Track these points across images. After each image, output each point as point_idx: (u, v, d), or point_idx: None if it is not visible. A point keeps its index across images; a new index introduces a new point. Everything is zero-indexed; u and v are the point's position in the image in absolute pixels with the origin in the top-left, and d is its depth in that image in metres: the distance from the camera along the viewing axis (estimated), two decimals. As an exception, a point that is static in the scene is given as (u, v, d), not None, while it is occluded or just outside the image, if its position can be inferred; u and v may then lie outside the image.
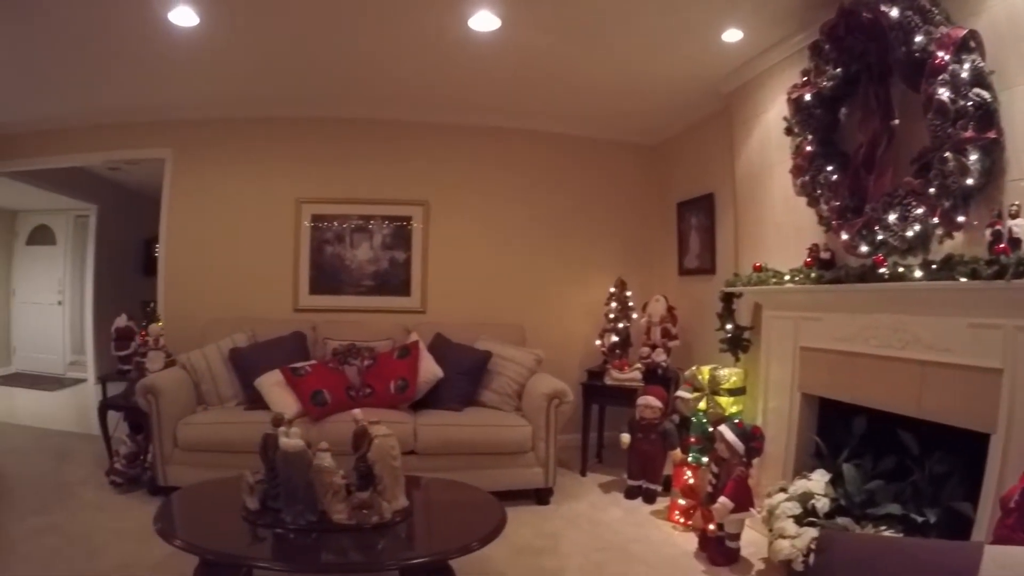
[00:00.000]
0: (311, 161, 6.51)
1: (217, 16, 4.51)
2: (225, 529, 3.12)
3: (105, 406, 5.51)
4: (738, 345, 4.82)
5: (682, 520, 4.42)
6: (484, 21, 4.41)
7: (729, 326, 4.88)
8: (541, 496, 4.87)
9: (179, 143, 6.71)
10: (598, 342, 6.06)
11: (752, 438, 4.01)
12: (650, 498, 4.92)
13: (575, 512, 4.72)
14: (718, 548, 3.85)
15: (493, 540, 2.95)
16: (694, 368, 4.94)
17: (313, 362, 5.20)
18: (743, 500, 3.78)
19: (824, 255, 3.89)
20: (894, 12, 3.21)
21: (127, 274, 10.73)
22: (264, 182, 6.53)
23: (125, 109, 6.61)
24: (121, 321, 5.76)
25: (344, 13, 4.44)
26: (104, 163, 7.82)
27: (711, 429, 4.38)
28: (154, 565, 3.73)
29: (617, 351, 5.84)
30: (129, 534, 4.19)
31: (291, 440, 3.00)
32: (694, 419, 4.84)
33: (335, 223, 6.46)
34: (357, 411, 3.43)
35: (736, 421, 4.17)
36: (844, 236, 3.69)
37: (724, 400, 4.67)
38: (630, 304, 6.02)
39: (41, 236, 11.35)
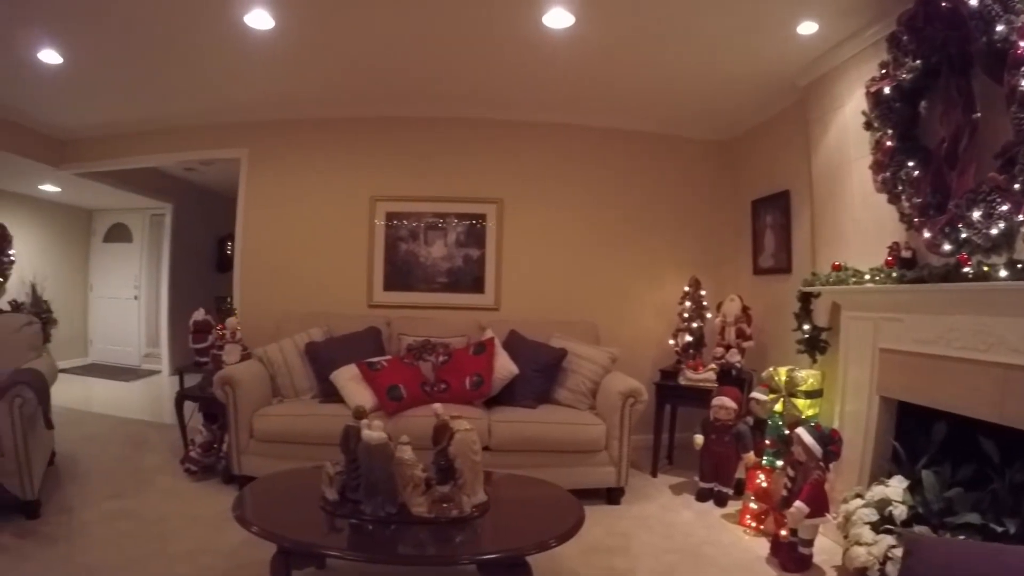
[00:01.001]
0: (385, 159, 6.60)
1: (292, 18, 4.61)
2: (303, 518, 3.17)
3: (182, 396, 5.65)
4: (815, 346, 4.70)
5: (754, 524, 4.37)
6: (558, 18, 4.42)
7: (807, 327, 4.77)
8: (612, 496, 4.85)
9: (254, 143, 6.89)
10: (671, 341, 6.00)
11: (830, 442, 3.93)
12: (721, 501, 4.86)
13: (646, 513, 4.69)
14: (790, 554, 3.78)
15: (571, 538, 2.94)
16: (771, 369, 4.82)
17: (388, 357, 5.28)
18: (819, 505, 3.70)
19: (905, 254, 3.77)
20: (974, 0, 3.11)
21: (201, 270, 11.12)
22: (339, 180, 6.65)
23: (201, 111, 6.82)
24: (199, 315, 5.90)
25: (417, 13, 4.48)
26: (179, 164, 8.08)
27: (787, 432, 4.31)
28: (227, 552, 3.83)
29: (691, 351, 5.79)
30: (203, 521, 4.32)
31: (374, 433, 3.03)
32: (769, 422, 4.73)
33: (409, 221, 6.53)
34: (438, 405, 3.46)
35: (813, 424, 4.10)
36: (926, 234, 3.57)
37: (801, 402, 4.54)
38: (704, 303, 5.95)
39: (118, 234, 11.76)
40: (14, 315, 6.59)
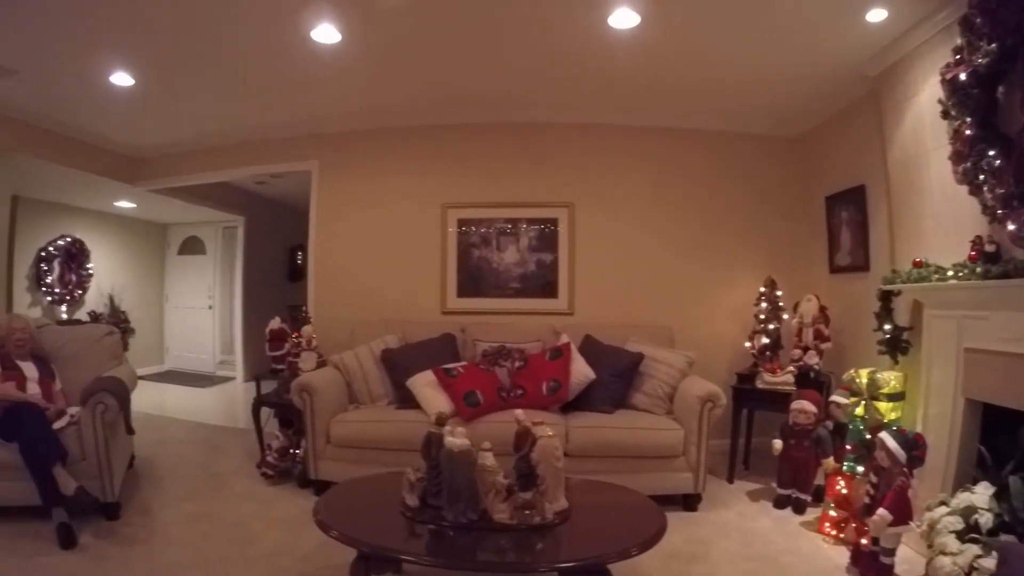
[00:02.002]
0: (455, 167, 6.65)
1: (358, 32, 4.69)
2: (383, 524, 3.18)
3: (259, 403, 5.74)
4: (897, 347, 4.55)
5: (833, 532, 4.22)
6: (623, 18, 4.40)
7: (887, 326, 4.61)
8: (689, 502, 4.76)
9: (325, 155, 7.02)
10: (748, 344, 5.90)
11: (914, 446, 3.75)
12: (800, 508, 4.73)
13: (724, 520, 4.60)
14: (871, 563, 3.64)
15: (653, 546, 2.90)
16: (852, 371, 4.70)
17: (464, 363, 5.28)
18: (902, 513, 3.56)
19: (989, 248, 3.62)
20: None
21: (273, 280, 11.43)
22: (409, 189, 6.72)
23: (271, 126, 6.99)
24: (275, 323, 5.99)
25: (484, 19, 4.50)
26: (250, 177, 8.25)
27: (869, 436, 4.20)
28: (303, 555, 3.89)
29: (767, 353, 5.68)
30: (279, 524, 4.40)
31: (457, 439, 3.05)
32: (850, 426, 4.59)
33: (481, 227, 6.56)
34: (519, 411, 3.44)
35: (896, 428, 3.97)
36: (1011, 226, 3.41)
37: (883, 406, 4.42)
38: (780, 304, 5.83)
39: (192, 246, 12.18)
40: (96, 326, 6.76)
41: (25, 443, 4.12)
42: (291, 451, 5.36)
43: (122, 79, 5.66)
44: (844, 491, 4.25)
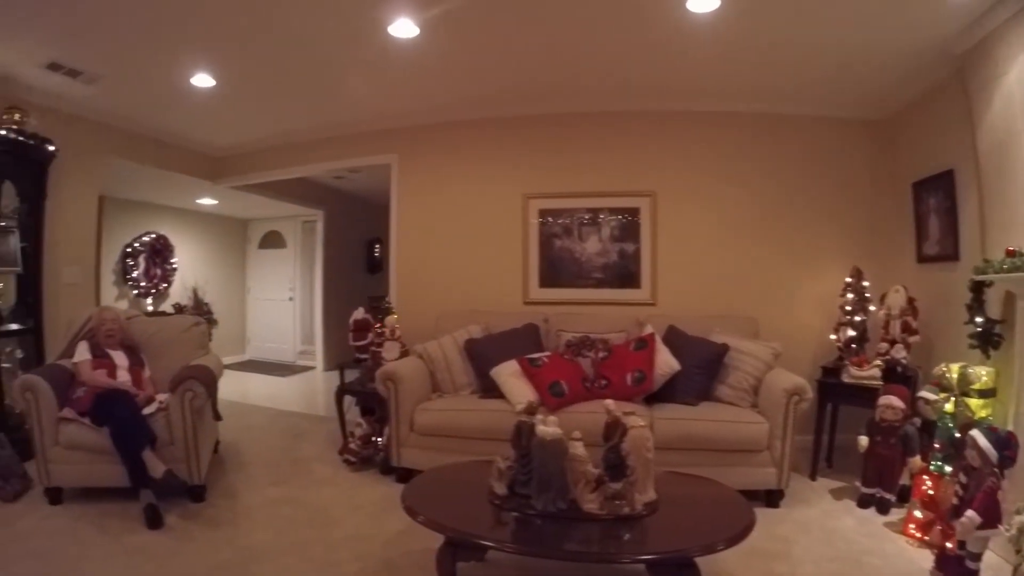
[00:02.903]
0: (535, 157, 6.63)
1: (436, 25, 4.69)
2: (471, 511, 3.21)
3: (342, 391, 5.87)
4: (989, 341, 4.31)
5: (918, 534, 4.05)
6: (703, 2, 4.32)
7: (979, 319, 4.38)
8: (771, 498, 4.66)
9: (404, 148, 7.08)
10: (833, 336, 5.71)
11: (1007, 445, 3.56)
12: (883, 508, 4.56)
13: (806, 517, 4.48)
14: (957, 568, 3.49)
15: (741, 542, 2.85)
16: (942, 366, 4.47)
17: (548, 353, 5.28)
18: (991, 516, 3.37)
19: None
20: None
21: (352, 272, 11.67)
22: (490, 180, 6.74)
23: (349, 121, 7.12)
24: (359, 314, 6.09)
25: (561, 8, 4.47)
26: (328, 172, 8.41)
27: (958, 435, 4.04)
28: (385, 541, 3.95)
29: (853, 346, 5.51)
30: (361, 509, 4.48)
31: (549, 428, 3.04)
32: (939, 423, 4.35)
33: (563, 217, 6.53)
34: (609, 402, 3.41)
35: (989, 426, 3.81)
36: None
37: (973, 402, 4.20)
38: (867, 295, 5.64)
39: (272, 240, 12.53)
40: (183, 317, 7.04)
41: (116, 428, 4.31)
42: (373, 438, 5.42)
43: (203, 80, 5.84)
44: (931, 491, 4.09)
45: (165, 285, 10.71)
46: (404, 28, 4.71)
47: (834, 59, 5.22)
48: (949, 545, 3.58)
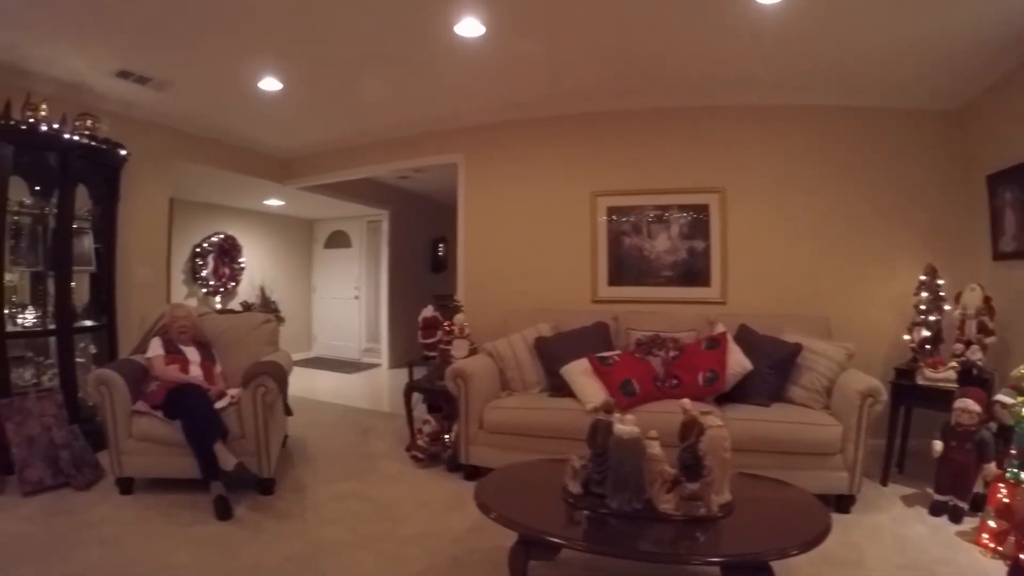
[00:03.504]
0: (603, 154, 6.57)
1: (503, 23, 4.68)
2: (544, 509, 3.17)
3: (410, 388, 5.87)
4: None
5: (991, 545, 3.86)
6: (770, -7, 4.21)
7: None
8: (843, 503, 4.49)
9: (470, 147, 7.11)
10: (907, 337, 5.51)
11: None
12: (956, 516, 4.36)
13: (877, 524, 4.33)
14: None
15: (816, 547, 2.76)
16: (1020, 368, 4.25)
17: (619, 352, 5.22)
18: None
19: None
20: None
21: (417, 271, 11.78)
22: (558, 178, 6.70)
23: (415, 121, 7.17)
24: (428, 312, 6.10)
25: (629, 3, 4.40)
26: (393, 172, 8.47)
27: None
28: (453, 537, 3.93)
29: (927, 347, 5.32)
30: (430, 506, 4.47)
31: (626, 427, 2.99)
32: (1017, 428, 4.13)
33: (631, 214, 6.45)
34: (686, 401, 3.34)
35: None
36: None
37: None
38: (941, 294, 5.42)
39: (338, 240, 12.75)
40: (254, 314, 7.20)
41: (188, 421, 4.41)
42: (441, 436, 5.43)
43: (270, 84, 5.95)
44: (1006, 500, 3.90)
45: (233, 284, 10.98)
46: (470, 27, 4.71)
47: (905, 48, 5.03)
48: (1023, 557, 3.42)
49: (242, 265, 11.12)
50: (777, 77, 5.75)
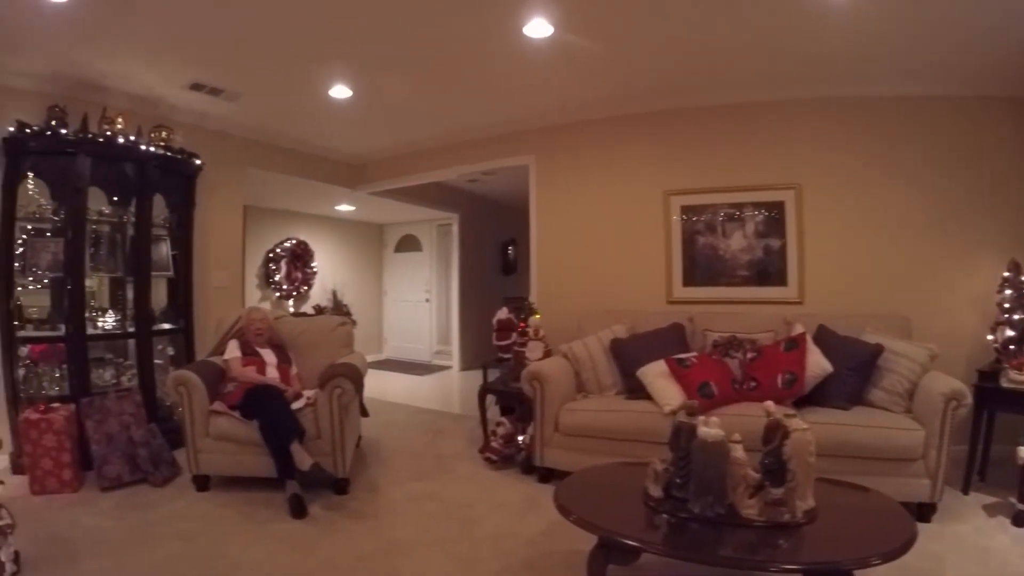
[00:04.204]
0: (675, 153, 6.45)
1: (571, 23, 4.63)
2: (624, 512, 3.13)
3: (485, 390, 5.88)
4: None
5: None
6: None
7: None
8: (923, 512, 4.29)
9: (541, 148, 7.09)
10: (990, 337, 5.25)
11: None
12: None
13: (959, 534, 4.12)
14: None
15: (899, 557, 2.65)
16: None
17: (696, 353, 5.13)
18: None
19: None
20: None
21: (487, 274, 11.79)
22: (629, 177, 6.61)
23: (484, 124, 7.20)
24: (503, 314, 6.15)
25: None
26: (462, 176, 8.44)
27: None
28: (527, 540, 3.90)
29: (1012, 347, 5.05)
30: (504, 508, 4.45)
31: (711, 430, 2.92)
32: None
33: (705, 213, 6.32)
34: (769, 403, 3.26)
35: None
36: None
37: None
38: None
39: (408, 244, 12.90)
40: (329, 317, 7.35)
41: (265, 421, 4.49)
42: (515, 437, 5.40)
43: (340, 92, 6.02)
44: None
45: (306, 288, 11.19)
46: (539, 28, 4.67)
47: (987, 32, 4.74)
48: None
49: (314, 269, 11.32)
50: (851, 67, 5.53)
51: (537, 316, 5.98)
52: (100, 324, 5.49)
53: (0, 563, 3.23)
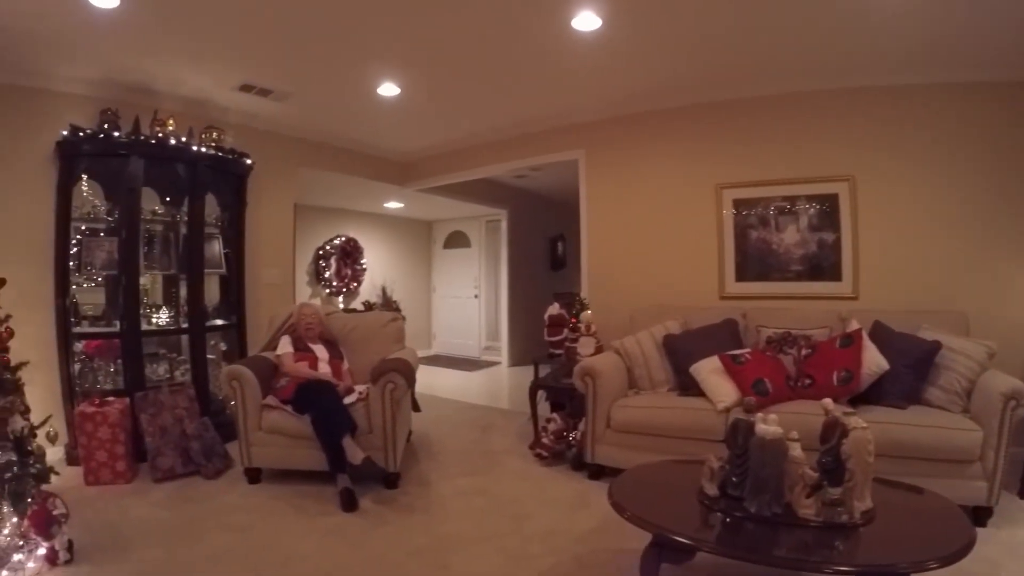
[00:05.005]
0: (726, 145, 6.33)
1: (621, 15, 4.58)
2: (679, 510, 3.10)
3: (536, 386, 5.84)
4: None
5: None
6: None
7: None
8: (979, 516, 4.12)
9: (590, 143, 7.04)
10: None
11: None
12: None
13: (1016, 540, 3.96)
14: None
15: (957, 561, 2.57)
16: None
17: (749, 350, 5.04)
18: None
19: None
20: None
21: (536, 270, 11.82)
22: (680, 171, 6.54)
23: (533, 119, 7.19)
24: (554, 309, 6.14)
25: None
26: (510, 172, 8.46)
27: None
28: (578, 536, 3.88)
29: (1065, 344, 4.97)
30: (554, 504, 4.43)
31: (770, 427, 2.87)
32: None
33: (758, 207, 6.20)
34: (827, 401, 3.20)
35: None
36: None
37: None
38: None
39: (456, 240, 12.97)
40: (381, 313, 7.40)
41: (318, 416, 4.53)
42: (566, 434, 5.37)
43: (389, 90, 6.06)
44: None
45: (355, 284, 11.30)
46: (587, 21, 4.64)
47: None
48: None
49: (364, 266, 11.43)
50: (906, 53, 5.32)
51: (589, 312, 5.95)
52: (154, 320, 5.61)
53: (54, 551, 3.32)
